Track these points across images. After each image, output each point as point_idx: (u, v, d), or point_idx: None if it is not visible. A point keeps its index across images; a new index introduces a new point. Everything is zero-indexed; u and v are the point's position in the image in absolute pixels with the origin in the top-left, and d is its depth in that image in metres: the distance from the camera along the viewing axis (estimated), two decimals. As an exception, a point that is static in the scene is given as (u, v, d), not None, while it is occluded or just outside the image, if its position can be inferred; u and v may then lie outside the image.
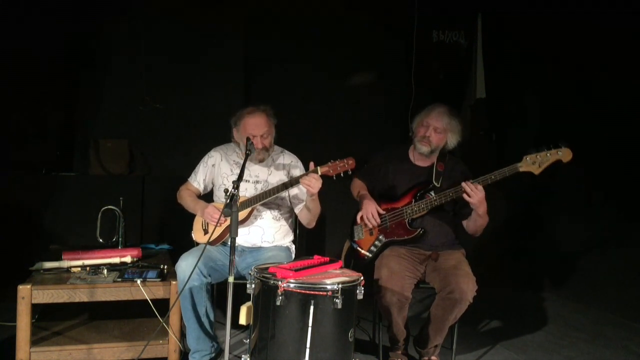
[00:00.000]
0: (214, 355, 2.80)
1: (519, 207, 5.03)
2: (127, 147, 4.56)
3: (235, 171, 2.99)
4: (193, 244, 3.00)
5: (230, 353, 2.29)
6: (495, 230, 4.71)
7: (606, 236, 4.17)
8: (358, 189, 3.08)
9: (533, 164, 2.63)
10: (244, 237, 2.90)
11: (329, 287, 2.20)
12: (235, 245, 2.26)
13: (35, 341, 2.53)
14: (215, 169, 3.04)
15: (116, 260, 2.82)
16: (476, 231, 2.83)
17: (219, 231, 2.82)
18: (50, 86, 4.38)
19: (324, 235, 4.48)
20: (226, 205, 2.30)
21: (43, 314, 2.87)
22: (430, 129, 2.89)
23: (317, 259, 2.49)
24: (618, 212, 4.10)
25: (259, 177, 2.96)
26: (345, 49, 4.97)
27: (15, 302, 2.43)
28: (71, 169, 4.55)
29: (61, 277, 2.61)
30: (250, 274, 2.34)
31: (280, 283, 2.19)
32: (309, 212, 2.89)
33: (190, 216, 3.03)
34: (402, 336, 2.85)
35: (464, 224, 2.87)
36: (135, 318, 2.88)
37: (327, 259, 2.49)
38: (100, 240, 3.11)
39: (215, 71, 4.72)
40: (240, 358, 2.44)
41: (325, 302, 2.20)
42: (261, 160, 2.94)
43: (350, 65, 5.04)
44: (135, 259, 2.88)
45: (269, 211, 2.95)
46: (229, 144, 3.08)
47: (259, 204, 2.80)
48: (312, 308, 2.19)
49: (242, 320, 2.30)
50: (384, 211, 2.91)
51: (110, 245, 3.10)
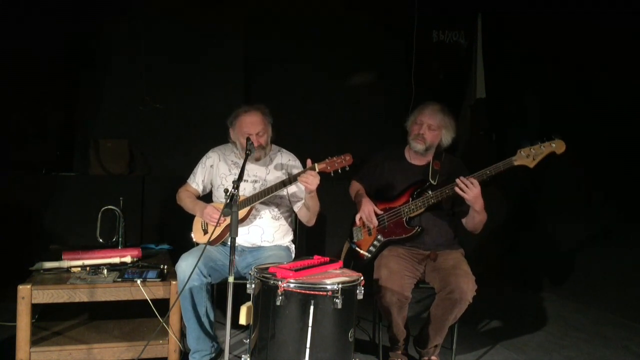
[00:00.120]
0: (214, 355, 2.80)
1: (518, 207, 5.03)
2: (127, 147, 4.57)
3: (233, 171, 2.99)
4: (193, 244, 3.00)
5: (230, 353, 2.29)
6: (495, 230, 4.74)
7: (606, 236, 4.17)
8: (355, 191, 3.09)
9: (527, 157, 2.62)
10: (244, 237, 2.90)
11: (329, 287, 2.20)
12: (235, 245, 2.26)
13: (35, 341, 2.53)
14: (213, 170, 3.04)
15: (116, 260, 2.82)
16: (475, 228, 2.82)
17: (218, 231, 2.82)
18: (50, 86, 4.38)
19: (324, 235, 4.48)
20: (226, 205, 2.30)
21: (43, 314, 2.86)
22: (424, 127, 2.89)
23: (317, 259, 2.48)
24: (618, 212, 4.09)
25: (257, 177, 2.96)
26: (345, 49, 4.97)
27: (15, 302, 2.43)
28: (71, 169, 4.55)
29: (61, 277, 2.61)
30: (250, 274, 2.34)
31: (280, 283, 2.19)
32: (308, 210, 2.89)
33: (190, 216, 3.03)
34: (402, 336, 2.85)
35: (463, 221, 2.86)
36: (135, 318, 2.88)
37: (327, 259, 2.48)
38: (100, 240, 3.11)
39: (215, 71, 4.72)
40: (240, 358, 2.44)
41: (325, 302, 2.20)
42: (257, 159, 2.94)
43: (350, 65, 5.05)
44: (135, 259, 2.87)
45: (268, 210, 2.95)
46: (227, 145, 3.08)
47: (257, 202, 2.80)
48: (312, 308, 2.19)
49: (242, 320, 2.30)
50: (381, 211, 2.91)
51: (110, 245, 3.10)
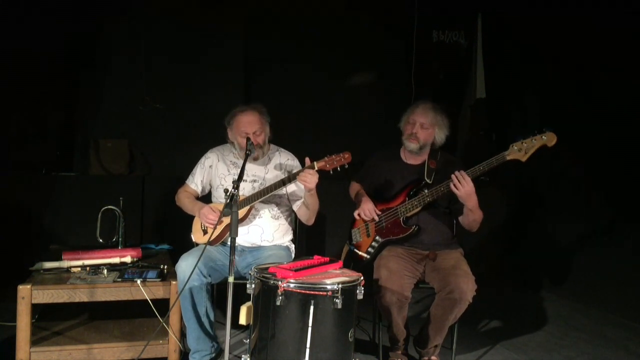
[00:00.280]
0: (214, 355, 2.80)
1: (518, 207, 5.03)
2: (127, 147, 4.57)
3: (232, 171, 2.99)
4: (193, 244, 3.00)
5: (230, 353, 2.29)
6: (495, 230, 4.75)
7: (606, 236, 4.17)
8: (355, 191, 3.10)
9: (519, 151, 2.61)
10: (244, 237, 2.90)
11: (329, 287, 2.20)
12: (235, 245, 2.26)
13: (35, 341, 2.52)
14: (212, 170, 3.04)
15: (116, 260, 2.82)
16: (470, 227, 2.82)
17: (218, 231, 2.82)
18: (50, 86, 4.38)
19: (324, 235, 4.48)
20: (226, 205, 2.30)
21: (43, 314, 2.86)
22: (417, 125, 2.90)
23: (317, 259, 2.48)
24: (618, 212, 4.09)
25: (257, 176, 2.96)
26: (345, 49, 4.97)
27: (15, 302, 2.43)
28: (71, 169, 4.56)
29: (61, 277, 2.61)
30: (250, 274, 2.34)
31: (280, 283, 2.19)
32: (307, 209, 2.89)
33: (190, 216, 3.03)
34: (402, 336, 2.85)
35: (460, 219, 2.87)
36: (135, 318, 2.87)
37: (327, 259, 2.48)
38: (100, 240, 3.11)
39: (215, 71, 4.72)
40: (240, 358, 2.44)
41: (325, 302, 2.20)
42: (256, 159, 2.94)
43: (350, 65, 5.05)
44: (135, 259, 2.87)
45: (267, 210, 2.95)
46: (225, 145, 3.08)
47: (257, 201, 2.80)
48: (312, 308, 2.19)
49: (242, 320, 2.30)
50: (379, 211, 2.92)
51: (110, 245, 3.09)
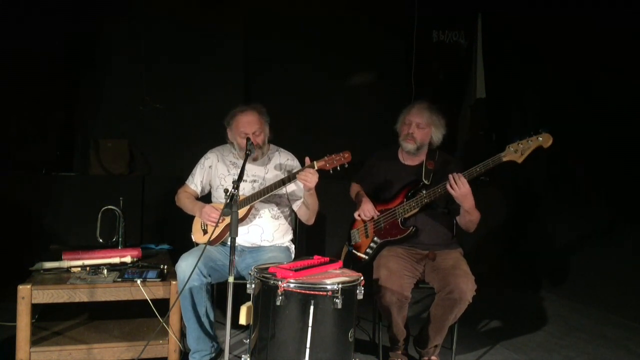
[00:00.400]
0: (214, 355, 2.80)
1: (518, 207, 5.03)
2: (127, 147, 4.57)
3: (232, 171, 2.99)
4: (193, 244, 3.00)
5: (230, 353, 2.29)
6: (495, 230, 4.75)
7: (606, 236, 4.17)
8: (355, 192, 3.11)
9: (515, 152, 2.61)
10: (244, 237, 2.90)
11: (329, 287, 2.20)
12: (235, 245, 2.26)
13: (35, 341, 2.52)
14: (212, 170, 3.04)
15: (116, 260, 2.82)
16: (467, 227, 2.82)
17: (218, 231, 2.82)
18: (50, 86, 4.38)
19: (324, 235, 4.48)
20: (226, 205, 2.30)
21: (43, 314, 2.86)
22: (413, 126, 2.91)
23: (317, 259, 2.48)
24: (618, 212, 4.09)
25: (256, 176, 2.96)
26: (345, 49, 4.97)
27: (15, 302, 2.42)
28: (71, 169, 4.56)
29: (61, 277, 2.61)
30: (250, 274, 2.34)
31: (280, 283, 2.18)
32: (307, 209, 2.89)
33: (190, 216, 3.03)
34: (402, 336, 2.85)
35: (457, 219, 2.88)
36: (135, 318, 2.87)
37: (327, 259, 2.48)
38: (100, 240, 3.11)
39: (215, 71, 4.72)
40: (240, 358, 2.44)
41: (325, 302, 2.20)
42: (255, 159, 2.94)
43: (350, 65, 5.05)
44: (135, 259, 2.87)
45: (267, 210, 2.95)
46: (225, 145, 3.08)
47: (257, 201, 2.80)
48: (312, 308, 2.19)
49: (242, 320, 2.30)
50: (378, 212, 2.92)
51: (110, 245, 3.09)
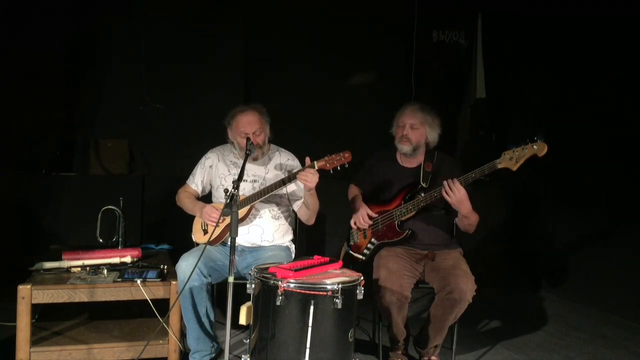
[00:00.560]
0: (214, 355, 2.80)
1: (518, 207, 5.03)
2: (127, 147, 4.57)
3: (232, 171, 2.99)
4: (193, 244, 3.00)
5: (230, 353, 2.29)
6: (495, 230, 4.75)
7: (606, 236, 4.17)
8: (353, 195, 3.11)
9: (510, 159, 2.59)
10: (244, 237, 2.90)
11: (329, 287, 2.20)
12: (235, 245, 2.26)
13: (35, 341, 2.52)
14: (212, 170, 3.04)
15: (116, 260, 2.82)
16: (466, 229, 2.83)
17: (218, 231, 2.82)
18: (50, 86, 4.38)
19: (324, 235, 4.48)
20: (226, 205, 2.30)
21: (43, 314, 2.86)
22: (407, 127, 2.91)
23: (317, 259, 2.48)
24: (618, 212, 4.09)
25: (257, 176, 2.96)
26: (345, 49, 4.97)
27: (15, 302, 2.42)
28: (71, 169, 4.55)
29: (61, 277, 2.61)
30: (250, 274, 2.34)
31: (280, 283, 2.18)
32: (307, 209, 2.89)
33: (190, 216, 3.03)
34: (402, 336, 2.85)
35: (456, 221, 2.89)
36: (135, 318, 2.87)
37: (327, 259, 2.48)
38: (100, 240, 3.11)
39: (215, 71, 4.71)
40: (240, 358, 2.44)
41: (325, 302, 2.20)
42: (255, 159, 2.94)
43: (350, 65, 5.04)
44: (135, 259, 2.87)
45: (267, 210, 2.95)
46: (226, 145, 3.08)
47: (257, 201, 2.80)
48: (312, 308, 2.19)
49: (242, 320, 2.30)
50: (376, 214, 2.92)
51: (110, 245, 3.10)
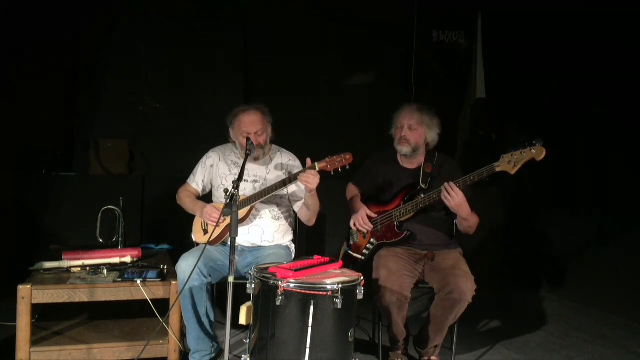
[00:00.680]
0: (214, 355, 2.80)
1: (518, 207, 5.03)
2: (127, 147, 4.57)
3: (233, 171, 2.99)
4: (193, 244, 3.00)
5: (230, 353, 2.29)
6: (495, 230, 4.75)
7: (606, 236, 4.17)
8: (351, 195, 3.11)
9: (509, 163, 2.58)
10: (244, 237, 2.90)
11: (329, 287, 2.20)
12: (235, 245, 2.26)
13: (35, 341, 2.52)
14: (213, 170, 3.04)
15: (116, 260, 2.82)
16: (466, 231, 2.83)
17: (218, 231, 2.82)
18: (50, 86, 4.38)
19: (324, 235, 4.48)
20: (226, 205, 2.30)
21: (43, 314, 2.86)
22: (405, 128, 2.91)
23: (317, 259, 2.48)
24: (618, 212, 4.10)
25: (258, 176, 2.96)
26: (345, 49, 4.97)
27: (15, 302, 2.42)
28: (71, 169, 4.55)
29: (61, 277, 2.61)
30: (250, 274, 2.34)
31: (280, 283, 2.18)
32: (308, 210, 2.89)
33: (190, 216, 3.03)
34: (402, 336, 2.85)
35: (456, 222, 2.89)
36: (135, 318, 2.87)
37: (327, 259, 2.48)
38: (100, 240, 3.11)
39: (216, 71, 4.72)
40: (240, 358, 2.44)
41: (325, 302, 2.20)
42: (257, 159, 2.94)
43: (350, 65, 5.05)
44: (135, 259, 2.87)
45: (268, 210, 2.95)
46: (227, 145, 3.08)
47: (257, 202, 2.80)
48: (312, 308, 2.19)
49: (242, 320, 2.30)
50: (375, 215, 2.92)
51: (110, 245, 3.09)
